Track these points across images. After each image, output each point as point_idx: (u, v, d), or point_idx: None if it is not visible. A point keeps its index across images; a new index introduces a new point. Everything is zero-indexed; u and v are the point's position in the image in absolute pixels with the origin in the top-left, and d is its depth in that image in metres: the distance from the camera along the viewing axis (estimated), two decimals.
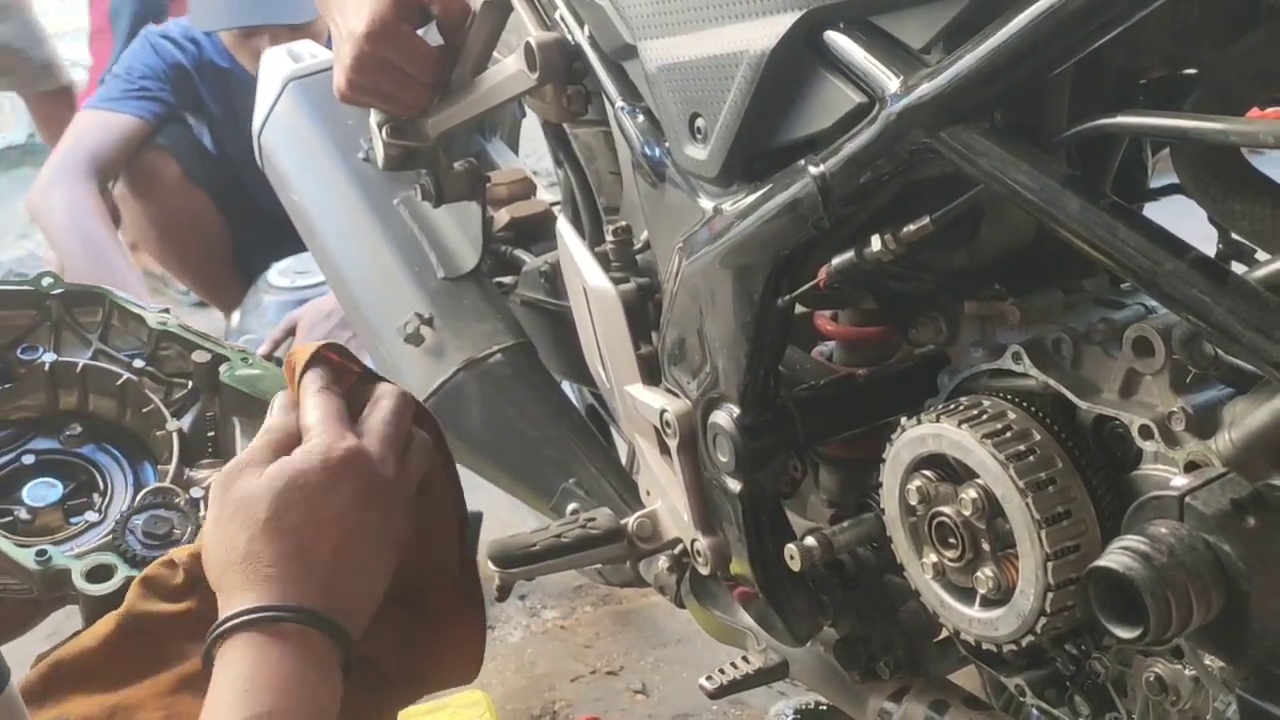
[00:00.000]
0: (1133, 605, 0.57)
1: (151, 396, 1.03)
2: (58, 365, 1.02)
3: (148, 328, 1.07)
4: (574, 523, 1.04)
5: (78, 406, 1.04)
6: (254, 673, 0.72)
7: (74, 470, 1.00)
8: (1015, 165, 0.64)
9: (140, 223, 2.57)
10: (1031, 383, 0.79)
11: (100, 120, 2.45)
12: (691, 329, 0.94)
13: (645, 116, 0.98)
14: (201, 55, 2.54)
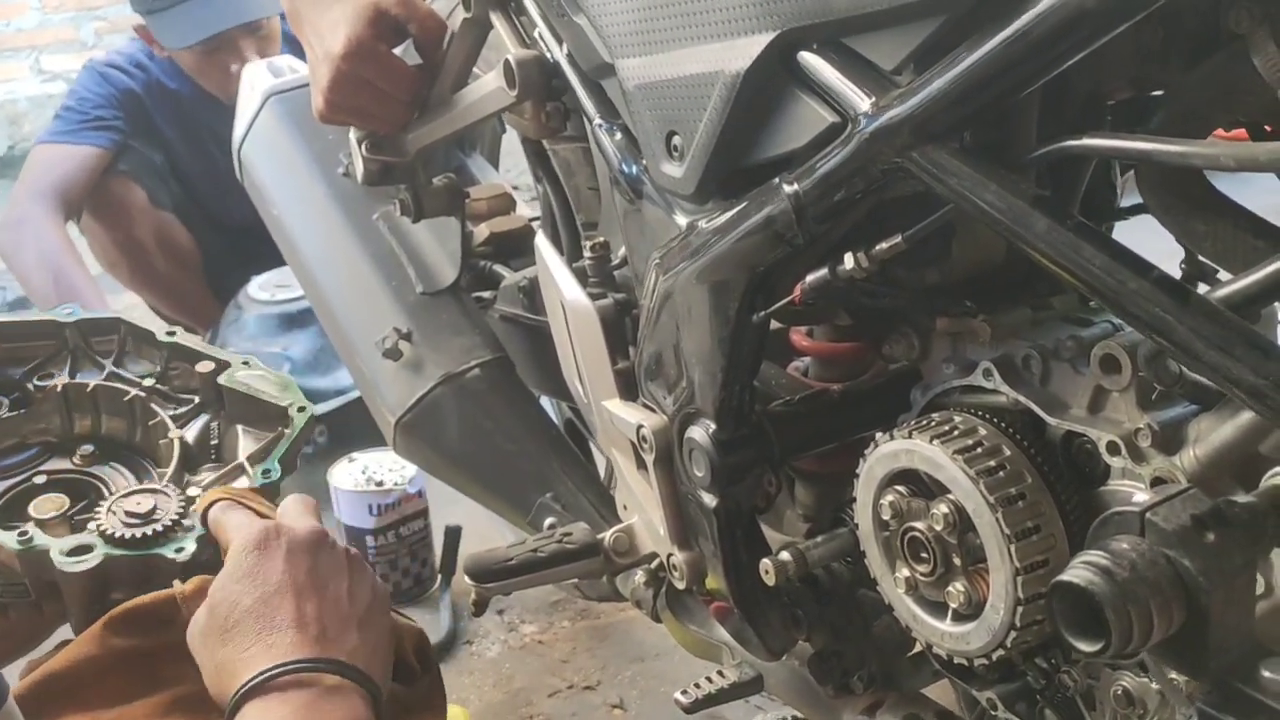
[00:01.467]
0: (1095, 619, 0.57)
1: (157, 410, 1.04)
2: (70, 388, 1.04)
3: (157, 347, 1.07)
4: (550, 537, 1.05)
5: (91, 429, 1.06)
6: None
7: (83, 487, 1.01)
8: (984, 185, 0.65)
9: (109, 251, 2.57)
10: (1002, 399, 0.80)
11: (60, 154, 2.45)
12: (668, 344, 0.95)
13: (623, 134, 0.99)
14: (149, 79, 2.54)
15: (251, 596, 0.78)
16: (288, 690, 0.72)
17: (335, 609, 0.78)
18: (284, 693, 0.72)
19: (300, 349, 2.33)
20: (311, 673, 0.73)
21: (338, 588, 0.80)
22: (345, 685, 0.74)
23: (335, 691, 0.73)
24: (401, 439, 1.31)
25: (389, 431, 1.32)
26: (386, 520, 1.82)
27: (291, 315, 2.36)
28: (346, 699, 0.73)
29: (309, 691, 0.72)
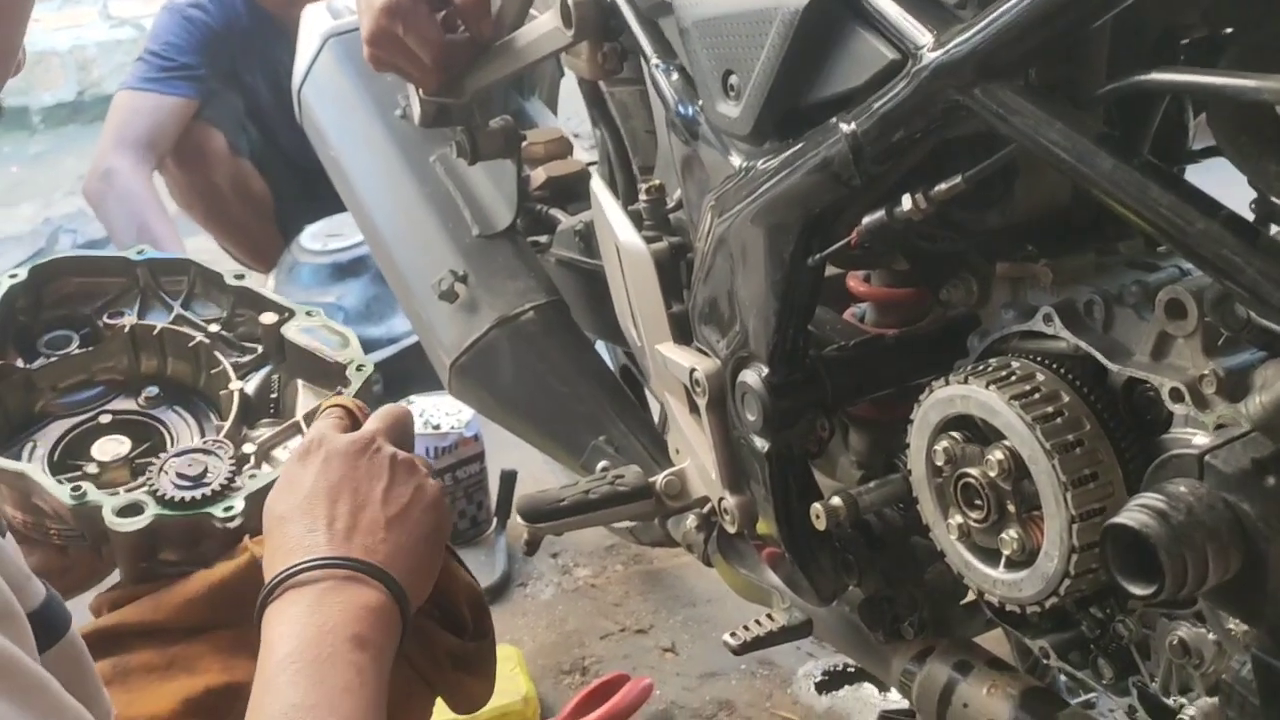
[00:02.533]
0: (1149, 562, 0.56)
1: (220, 358, 1.04)
2: (137, 328, 1.05)
3: (225, 291, 1.08)
4: (603, 480, 1.05)
5: (157, 370, 1.06)
6: (337, 611, 0.73)
7: (146, 430, 1.02)
8: (1048, 123, 0.63)
9: (187, 195, 2.63)
10: (1062, 345, 0.79)
11: (148, 103, 2.48)
12: (722, 288, 0.94)
13: (680, 74, 0.97)
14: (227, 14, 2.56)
15: (286, 504, 0.81)
16: (302, 588, 0.75)
17: (365, 510, 0.80)
18: (298, 590, 0.75)
19: (353, 298, 2.35)
20: (325, 569, 0.75)
21: (371, 490, 0.81)
22: (359, 578, 0.76)
23: (347, 584, 0.75)
24: (456, 381, 1.32)
25: (444, 373, 1.33)
26: (443, 463, 1.84)
27: (343, 265, 2.38)
28: (358, 591, 0.75)
29: (319, 587, 0.74)
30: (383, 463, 0.84)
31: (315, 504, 0.80)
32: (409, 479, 0.84)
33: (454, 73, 1.21)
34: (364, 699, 0.70)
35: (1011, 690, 0.92)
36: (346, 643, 0.72)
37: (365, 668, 0.71)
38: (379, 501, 0.81)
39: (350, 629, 0.73)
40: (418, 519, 0.82)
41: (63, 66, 4.51)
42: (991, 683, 0.94)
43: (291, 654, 0.71)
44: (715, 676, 1.59)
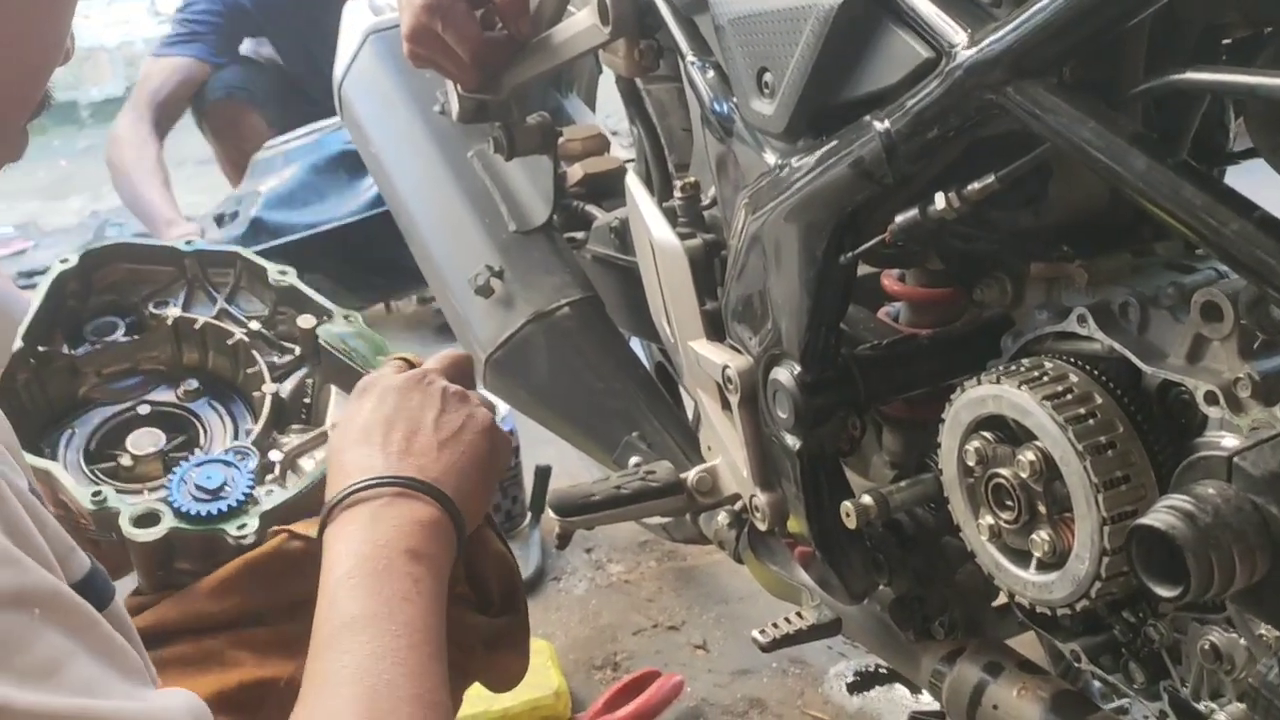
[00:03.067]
0: (1175, 564, 0.56)
1: (258, 358, 1.05)
2: (180, 320, 1.06)
3: (269, 287, 1.09)
4: (634, 475, 1.05)
5: (198, 363, 1.07)
6: (392, 526, 0.76)
7: (183, 424, 1.03)
8: (1081, 122, 0.63)
9: (225, 165, 2.81)
10: (1096, 346, 0.78)
11: (157, 67, 2.66)
12: (755, 285, 0.94)
13: (715, 71, 0.98)
14: None
15: (344, 438, 0.84)
16: (357, 506, 0.77)
17: (418, 434, 0.83)
18: (354, 509, 0.77)
19: (282, 185, 2.41)
20: (379, 488, 0.78)
21: (423, 417, 0.84)
22: (412, 494, 0.78)
23: (401, 500, 0.78)
24: (491, 375, 1.33)
25: (479, 368, 1.34)
26: None
27: (288, 154, 2.45)
28: (412, 506, 0.78)
29: (374, 505, 0.77)
30: (435, 393, 0.87)
31: (371, 432, 0.83)
32: (461, 407, 0.87)
33: (492, 70, 1.22)
34: (421, 607, 0.72)
35: (1042, 693, 0.92)
36: (402, 555, 0.74)
37: (421, 578, 0.73)
38: (431, 427, 0.84)
39: (405, 542, 0.75)
40: (470, 442, 0.85)
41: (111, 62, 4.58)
42: (1022, 685, 0.93)
43: (350, 570, 0.73)
44: (747, 674, 1.59)
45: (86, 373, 1.03)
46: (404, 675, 0.66)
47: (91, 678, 0.49)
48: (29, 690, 0.45)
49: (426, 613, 0.72)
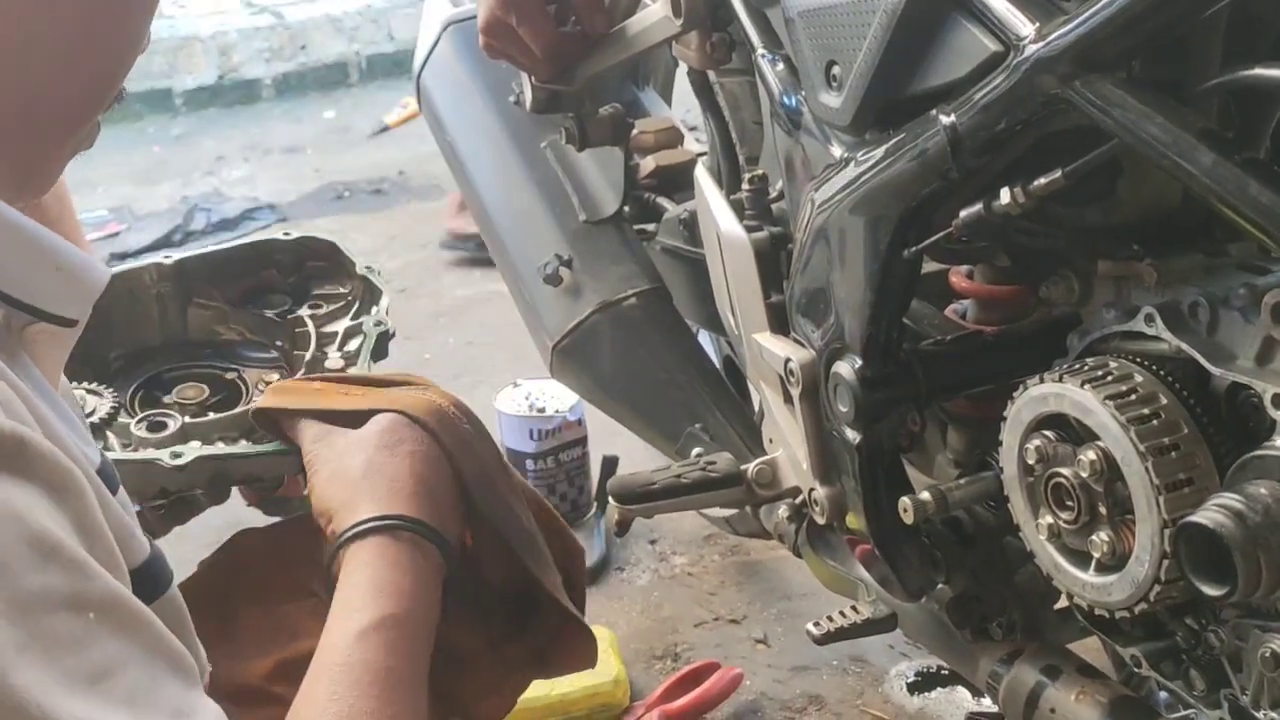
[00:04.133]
0: (1224, 563, 0.55)
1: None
2: (269, 301, 1.08)
3: (353, 279, 1.11)
4: (695, 465, 1.06)
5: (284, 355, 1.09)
6: (390, 575, 0.75)
7: (231, 387, 1.05)
8: (1149, 117, 0.62)
9: None
10: (1164, 347, 0.77)
11: None
12: (819, 278, 0.94)
13: (785, 64, 0.98)
14: None
15: (362, 458, 0.82)
16: (367, 538, 0.77)
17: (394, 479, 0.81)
18: (364, 540, 0.77)
19: None
20: (386, 523, 0.78)
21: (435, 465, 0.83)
22: (427, 545, 0.79)
23: (418, 548, 0.78)
24: (558, 363, 1.35)
25: (546, 355, 1.36)
26: (546, 445, 1.87)
27: None
28: (411, 542, 0.78)
29: (383, 538, 0.77)
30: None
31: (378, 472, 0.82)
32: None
33: (565, 64, 1.24)
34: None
35: (1101, 698, 0.91)
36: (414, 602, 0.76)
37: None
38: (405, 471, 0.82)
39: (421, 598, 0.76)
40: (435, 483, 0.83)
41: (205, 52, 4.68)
42: (1081, 689, 0.92)
43: (367, 604, 0.74)
44: (806, 670, 1.59)
45: (224, 329, 1.06)
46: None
47: (138, 686, 0.50)
48: (73, 697, 0.46)
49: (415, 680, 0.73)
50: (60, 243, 0.60)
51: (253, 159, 4.08)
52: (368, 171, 3.87)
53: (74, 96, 0.58)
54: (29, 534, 0.48)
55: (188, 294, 1.07)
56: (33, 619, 0.46)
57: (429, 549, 0.78)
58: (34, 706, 0.44)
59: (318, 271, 1.12)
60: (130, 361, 1.06)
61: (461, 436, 0.85)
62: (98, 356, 1.04)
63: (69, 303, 0.61)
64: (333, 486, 0.81)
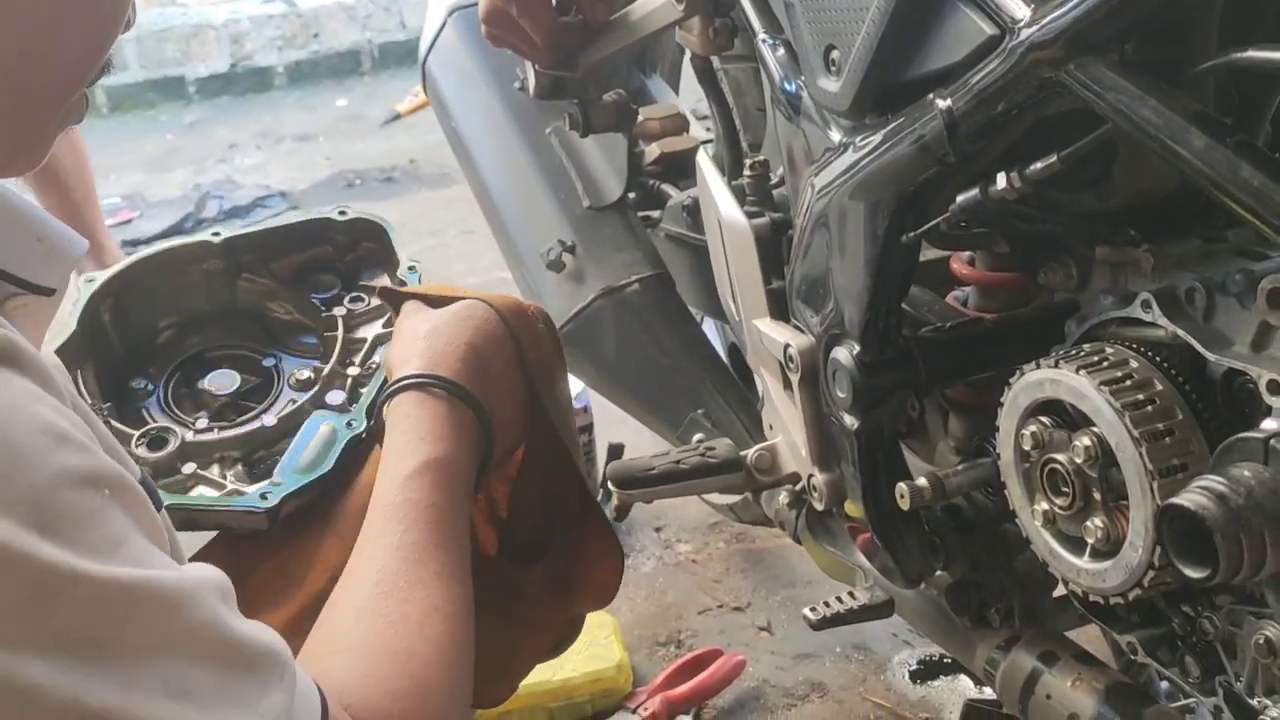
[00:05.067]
0: (1207, 545, 0.55)
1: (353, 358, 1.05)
2: (318, 282, 1.08)
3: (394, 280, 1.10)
4: (694, 450, 1.06)
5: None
6: (431, 424, 0.80)
7: (265, 376, 1.05)
8: (1141, 100, 0.62)
9: None
10: (1160, 333, 0.77)
11: None
12: (819, 264, 0.94)
13: (785, 49, 0.98)
14: None
15: (428, 326, 0.88)
16: (410, 390, 0.82)
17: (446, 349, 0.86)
18: (405, 393, 0.82)
19: None
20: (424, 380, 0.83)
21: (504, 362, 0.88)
22: (468, 412, 0.83)
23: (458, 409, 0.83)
24: None
25: None
26: None
27: None
28: (449, 401, 0.82)
29: (423, 394, 0.82)
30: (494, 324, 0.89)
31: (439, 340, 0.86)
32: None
33: (566, 53, 1.24)
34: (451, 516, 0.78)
35: (1097, 684, 0.91)
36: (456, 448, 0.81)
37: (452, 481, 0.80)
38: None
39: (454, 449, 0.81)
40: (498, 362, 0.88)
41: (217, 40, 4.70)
42: (1077, 675, 0.92)
43: (413, 450, 0.79)
44: (809, 658, 1.59)
45: (272, 306, 1.06)
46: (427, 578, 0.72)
47: (145, 551, 0.54)
48: (100, 562, 0.50)
49: (456, 521, 0.77)
50: (40, 213, 0.62)
51: (265, 147, 4.10)
52: (379, 160, 3.88)
53: (61, 67, 0.59)
54: (39, 422, 0.51)
55: (237, 269, 1.07)
56: (54, 498, 0.50)
57: (464, 409, 0.82)
58: (65, 573, 0.48)
59: (370, 254, 1.11)
60: (180, 331, 1.06)
61: (534, 332, 0.90)
62: (146, 327, 1.04)
63: (49, 273, 0.63)
64: (398, 346, 0.87)
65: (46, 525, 0.49)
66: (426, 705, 0.66)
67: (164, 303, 1.05)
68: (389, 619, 0.69)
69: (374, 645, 0.67)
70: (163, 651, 0.51)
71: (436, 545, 0.74)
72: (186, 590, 0.53)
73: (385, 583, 0.71)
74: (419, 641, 0.68)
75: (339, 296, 1.07)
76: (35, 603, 0.47)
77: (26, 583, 0.47)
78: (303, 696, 0.57)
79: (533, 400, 0.89)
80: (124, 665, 0.49)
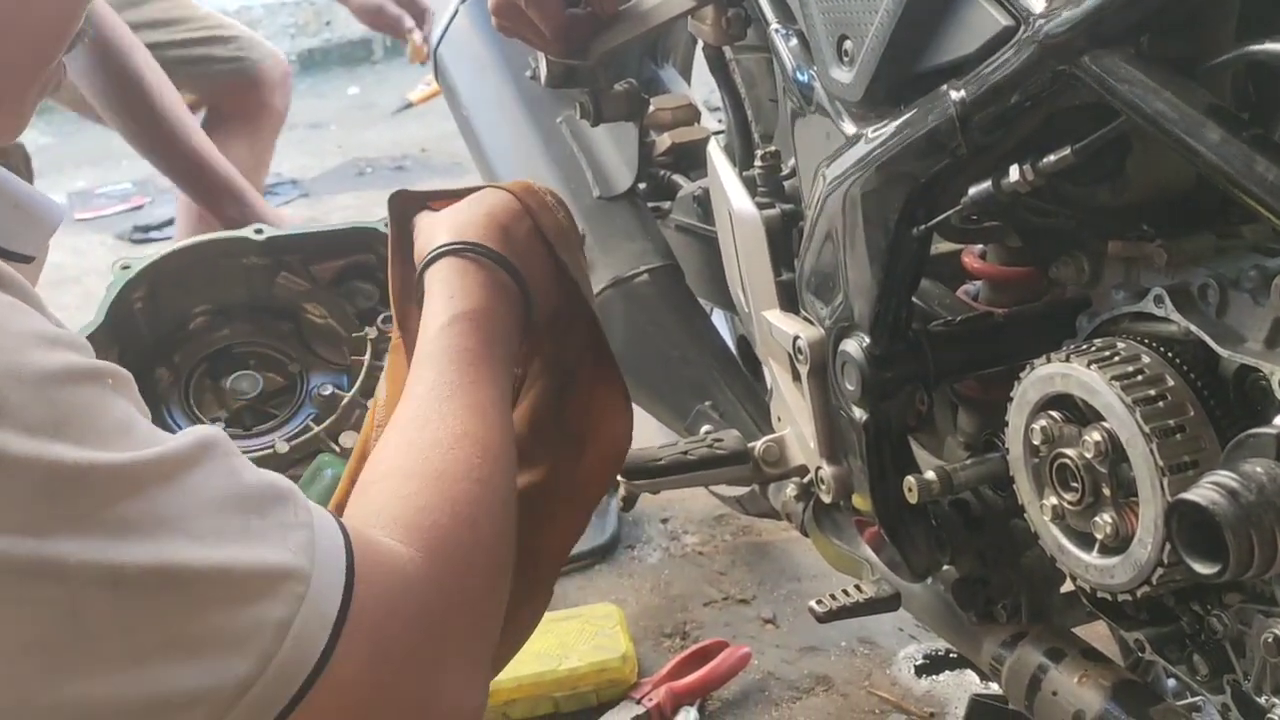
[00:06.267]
0: (1217, 541, 0.55)
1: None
2: (356, 290, 1.08)
3: None
4: (702, 442, 1.06)
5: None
6: (461, 282, 0.84)
7: (289, 381, 1.05)
8: (1156, 93, 0.61)
9: None
10: (1173, 328, 0.76)
11: None
12: (828, 256, 0.94)
13: (797, 39, 0.97)
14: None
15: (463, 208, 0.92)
16: (441, 259, 0.87)
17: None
18: (439, 260, 0.87)
19: None
20: (477, 255, 0.87)
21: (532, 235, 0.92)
22: (505, 278, 0.87)
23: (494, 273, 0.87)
24: None
25: None
26: None
27: None
28: (480, 262, 0.87)
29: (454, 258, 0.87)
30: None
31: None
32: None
33: (576, 44, 1.23)
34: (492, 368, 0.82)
35: (1104, 681, 0.90)
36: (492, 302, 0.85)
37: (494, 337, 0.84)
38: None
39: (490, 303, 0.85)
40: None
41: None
42: (1084, 672, 0.92)
43: (446, 308, 0.83)
44: (815, 651, 1.59)
45: (308, 307, 1.06)
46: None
47: (152, 430, 0.57)
48: (115, 450, 0.52)
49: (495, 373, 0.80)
50: (17, 182, 0.63)
51: None
52: (390, 148, 3.88)
53: (34, 34, 0.60)
54: (32, 328, 0.53)
55: (278, 267, 1.08)
56: (62, 393, 0.52)
57: (496, 269, 0.85)
58: (83, 464, 0.51)
59: None
60: (213, 320, 1.06)
61: (546, 204, 0.94)
62: (179, 314, 1.05)
63: (27, 240, 0.65)
64: (421, 235, 0.91)
65: (58, 422, 0.51)
66: (457, 516, 0.68)
67: (200, 291, 1.06)
68: (422, 446, 0.72)
69: (407, 468, 0.70)
70: (185, 513, 0.54)
71: (471, 383, 0.77)
72: (195, 454, 0.56)
73: (419, 418, 0.74)
74: (449, 462, 0.71)
75: (375, 310, 1.08)
76: (55, 495, 0.50)
77: (43, 478, 0.49)
78: (323, 530, 0.60)
79: (557, 265, 0.92)
80: (150, 531, 0.52)
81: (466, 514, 0.69)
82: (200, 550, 0.53)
